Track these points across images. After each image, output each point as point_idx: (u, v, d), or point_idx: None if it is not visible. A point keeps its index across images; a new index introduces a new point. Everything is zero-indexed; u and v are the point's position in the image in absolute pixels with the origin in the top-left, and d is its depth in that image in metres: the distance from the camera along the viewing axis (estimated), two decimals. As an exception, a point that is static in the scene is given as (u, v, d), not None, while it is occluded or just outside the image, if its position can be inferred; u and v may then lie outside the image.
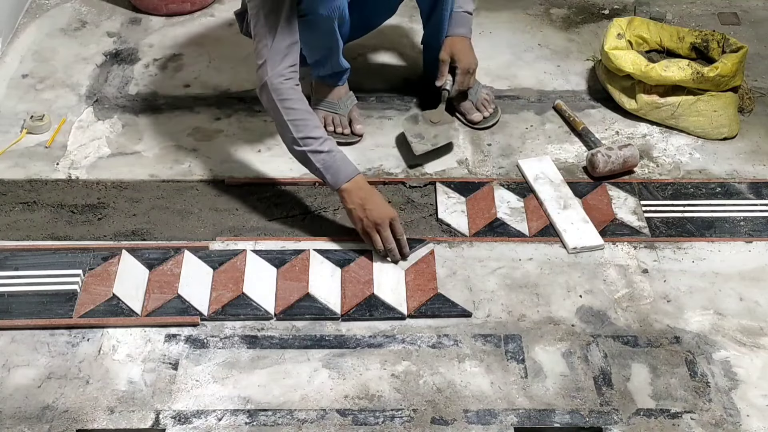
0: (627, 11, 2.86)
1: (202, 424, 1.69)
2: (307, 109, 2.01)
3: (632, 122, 2.42)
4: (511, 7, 2.87)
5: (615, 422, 1.70)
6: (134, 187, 2.20)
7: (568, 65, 2.64)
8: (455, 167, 2.27)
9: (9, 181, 2.21)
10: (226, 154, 2.31)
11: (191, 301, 1.90)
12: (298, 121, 1.98)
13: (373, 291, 1.93)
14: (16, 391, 1.75)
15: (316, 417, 1.70)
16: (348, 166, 1.99)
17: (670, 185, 2.22)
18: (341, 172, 1.97)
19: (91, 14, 2.86)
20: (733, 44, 2.38)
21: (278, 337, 1.86)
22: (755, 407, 1.73)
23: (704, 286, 1.97)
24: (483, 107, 2.40)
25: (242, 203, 2.16)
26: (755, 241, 2.07)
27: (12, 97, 2.50)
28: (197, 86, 2.55)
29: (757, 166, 2.29)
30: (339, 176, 1.97)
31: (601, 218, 2.11)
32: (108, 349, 1.83)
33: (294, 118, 1.98)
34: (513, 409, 1.72)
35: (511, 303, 1.93)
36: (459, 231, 2.09)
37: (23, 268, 1.97)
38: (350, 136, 2.33)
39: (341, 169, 1.98)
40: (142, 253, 2.00)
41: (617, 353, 1.82)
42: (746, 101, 2.44)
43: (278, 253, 2.02)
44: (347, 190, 1.97)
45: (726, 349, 1.83)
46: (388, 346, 1.84)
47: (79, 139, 2.35)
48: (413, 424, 1.69)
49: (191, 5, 2.84)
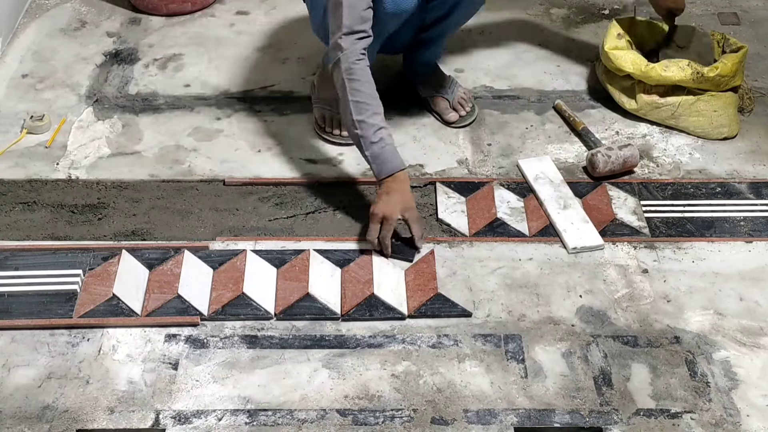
0: (627, 11, 2.86)
1: (202, 424, 1.69)
2: (372, 94, 2.01)
3: (632, 122, 2.42)
4: (511, 7, 2.87)
5: (615, 422, 1.70)
6: (134, 187, 2.20)
7: (568, 65, 2.64)
8: (455, 167, 2.28)
9: (9, 181, 2.21)
10: (226, 154, 2.31)
11: (191, 301, 1.90)
12: (361, 104, 1.99)
13: (373, 291, 1.93)
14: (16, 391, 1.75)
15: (316, 417, 1.70)
16: (395, 159, 2.00)
17: (670, 185, 2.22)
18: (387, 164, 1.99)
19: (91, 14, 2.86)
20: (733, 44, 2.38)
21: (278, 337, 1.86)
22: (755, 407, 1.73)
23: (704, 286, 1.97)
24: (460, 106, 2.39)
25: (242, 203, 2.16)
26: (755, 241, 2.07)
27: (12, 97, 2.50)
28: (197, 86, 2.55)
29: (757, 166, 2.29)
30: (383, 168, 1.99)
31: (601, 218, 2.11)
32: (108, 349, 1.83)
33: (358, 100, 1.99)
34: (513, 409, 1.72)
35: (511, 303, 1.93)
36: (459, 231, 2.09)
37: (23, 268, 1.97)
38: (346, 135, 2.32)
39: (387, 161, 1.99)
40: (142, 253, 2.00)
41: (617, 353, 1.82)
42: (746, 101, 2.44)
43: (278, 253, 2.02)
44: (386, 183, 1.99)
45: (726, 349, 1.83)
46: (388, 346, 1.84)
47: (79, 139, 2.35)
48: (413, 424, 1.69)
49: (191, 5, 2.84)
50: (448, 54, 2.63)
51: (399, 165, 2.00)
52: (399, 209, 1.98)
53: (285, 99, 2.49)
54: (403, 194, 1.99)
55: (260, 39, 2.73)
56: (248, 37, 2.75)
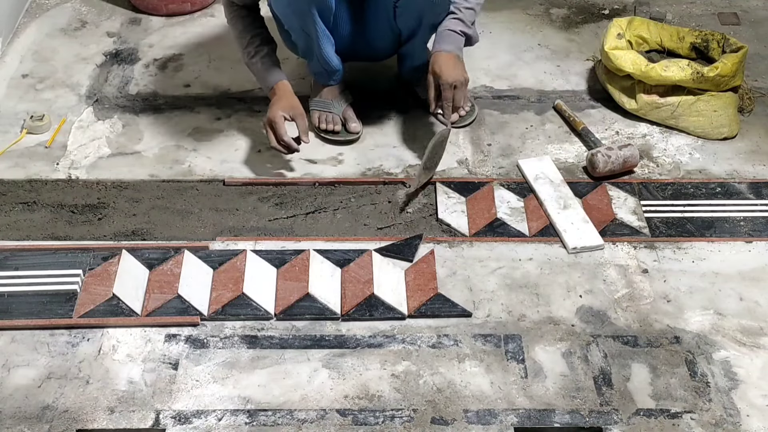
0: (627, 11, 2.86)
1: (202, 424, 1.69)
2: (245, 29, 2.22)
3: (632, 122, 2.42)
4: (511, 7, 2.87)
5: (615, 422, 1.70)
6: (134, 187, 2.20)
7: (568, 65, 2.64)
8: (455, 167, 2.28)
9: (9, 181, 2.21)
10: (226, 154, 2.31)
11: (191, 301, 1.90)
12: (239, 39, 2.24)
13: (373, 291, 1.93)
14: (16, 391, 1.75)
15: (316, 417, 1.70)
16: (273, 75, 2.22)
17: (670, 185, 2.22)
18: (266, 80, 2.23)
19: (91, 14, 2.86)
20: (733, 44, 2.38)
21: (278, 337, 1.86)
22: (755, 407, 1.73)
23: (704, 286, 1.97)
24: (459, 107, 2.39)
25: (242, 203, 2.16)
26: (755, 241, 2.07)
27: (12, 97, 2.50)
28: (197, 86, 2.55)
29: (757, 166, 2.29)
30: (264, 84, 2.24)
31: (601, 218, 2.11)
32: (108, 349, 1.83)
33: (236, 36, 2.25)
34: (513, 409, 1.72)
35: (511, 303, 1.93)
36: (459, 231, 2.09)
37: (23, 268, 1.97)
38: (344, 134, 2.33)
39: (266, 78, 2.23)
40: (142, 253, 2.00)
41: (617, 353, 1.82)
42: (746, 101, 2.44)
43: (278, 253, 2.02)
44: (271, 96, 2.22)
45: (726, 349, 1.83)
46: (388, 346, 1.84)
47: (79, 139, 2.35)
48: (413, 424, 1.69)
49: (191, 5, 2.84)
50: (448, 54, 2.63)
51: (277, 79, 2.21)
52: (279, 111, 2.15)
53: (285, 99, 2.49)
54: (281, 99, 2.18)
55: (260, 39, 2.73)
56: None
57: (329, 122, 2.33)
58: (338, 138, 2.32)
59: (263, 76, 2.23)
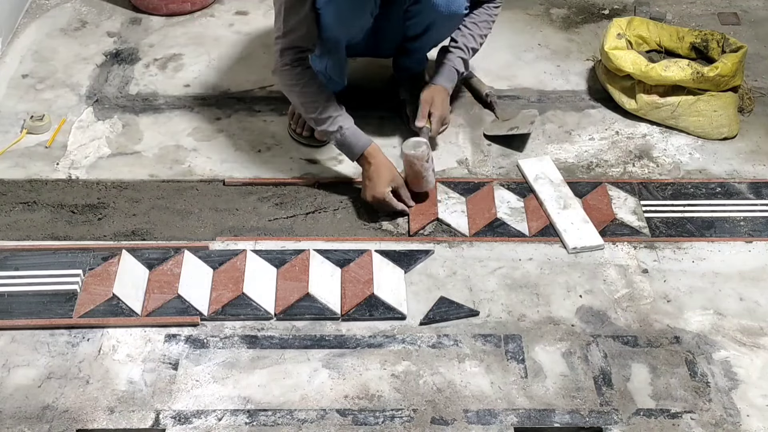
0: (627, 11, 2.86)
1: (202, 424, 1.69)
2: (316, 91, 2.11)
3: (632, 122, 2.42)
4: (511, 7, 2.87)
5: (615, 422, 1.70)
6: (134, 187, 2.20)
7: (568, 65, 2.64)
8: (455, 167, 2.27)
9: (9, 181, 2.21)
10: (226, 154, 2.31)
11: (191, 301, 1.90)
12: (309, 103, 2.11)
13: (373, 291, 1.93)
14: (16, 391, 1.75)
15: (316, 417, 1.70)
16: (359, 140, 2.10)
17: (670, 185, 2.22)
18: (353, 148, 2.10)
19: (91, 14, 2.86)
20: (733, 44, 2.38)
21: (278, 337, 1.86)
22: (755, 407, 1.73)
23: (704, 286, 1.97)
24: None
25: (242, 203, 2.16)
26: (755, 241, 2.07)
27: (12, 97, 2.50)
28: (197, 86, 2.55)
29: (757, 166, 2.29)
30: (351, 152, 2.11)
31: (601, 218, 2.11)
32: (108, 349, 1.83)
33: (303, 101, 2.12)
34: (513, 409, 1.72)
35: (511, 303, 1.93)
36: (459, 231, 2.09)
37: (23, 268, 1.97)
38: (312, 140, 2.32)
39: (352, 145, 2.10)
40: (142, 253, 2.00)
41: (617, 353, 1.82)
42: (746, 101, 2.44)
43: (278, 253, 2.02)
44: (362, 165, 2.11)
45: (726, 349, 1.83)
46: (388, 346, 1.84)
47: (79, 139, 2.35)
48: (413, 424, 1.69)
49: (191, 5, 2.84)
50: (448, 54, 2.63)
51: (364, 144, 2.09)
52: (385, 189, 2.07)
53: (284, 99, 2.47)
54: (381, 173, 2.08)
55: (260, 39, 2.73)
56: (247, 37, 2.75)
57: (299, 125, 2.33)
58: (306, 142, 2.32)
59: (351, 142, 2.09)
